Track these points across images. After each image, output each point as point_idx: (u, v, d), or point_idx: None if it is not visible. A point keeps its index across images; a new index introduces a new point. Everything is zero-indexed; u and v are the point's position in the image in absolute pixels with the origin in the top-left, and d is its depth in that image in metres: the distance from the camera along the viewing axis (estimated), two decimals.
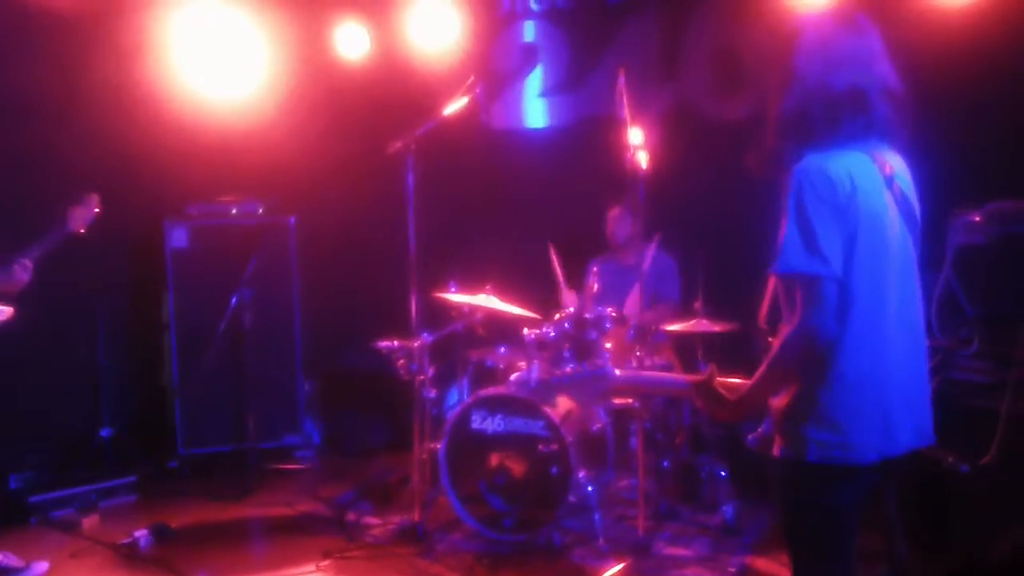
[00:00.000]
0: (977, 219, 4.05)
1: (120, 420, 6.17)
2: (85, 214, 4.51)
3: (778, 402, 2.43)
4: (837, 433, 2.32)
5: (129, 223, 4.41)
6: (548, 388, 2.88)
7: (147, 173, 6.04)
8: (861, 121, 2.38)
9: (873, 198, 2.34)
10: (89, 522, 5.21)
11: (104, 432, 5.99)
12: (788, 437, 2.40)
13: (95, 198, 4.56)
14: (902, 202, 2.42)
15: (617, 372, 2.79)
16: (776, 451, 2.45)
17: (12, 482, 4.89)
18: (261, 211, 6.39)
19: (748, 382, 2.47)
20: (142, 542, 4.80)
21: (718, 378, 2.53)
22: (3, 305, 4.34)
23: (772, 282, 2.50)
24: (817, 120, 2.37)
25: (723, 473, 4.95)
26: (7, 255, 4.28)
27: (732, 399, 2.49)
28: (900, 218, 2.41)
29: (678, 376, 2.75)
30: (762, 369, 2.41)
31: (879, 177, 2.37)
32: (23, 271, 4.29)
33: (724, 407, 2.51)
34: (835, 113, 2.36)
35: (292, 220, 6.41)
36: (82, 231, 4.55)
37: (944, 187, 4.74)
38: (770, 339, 2.49)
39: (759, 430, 2.54)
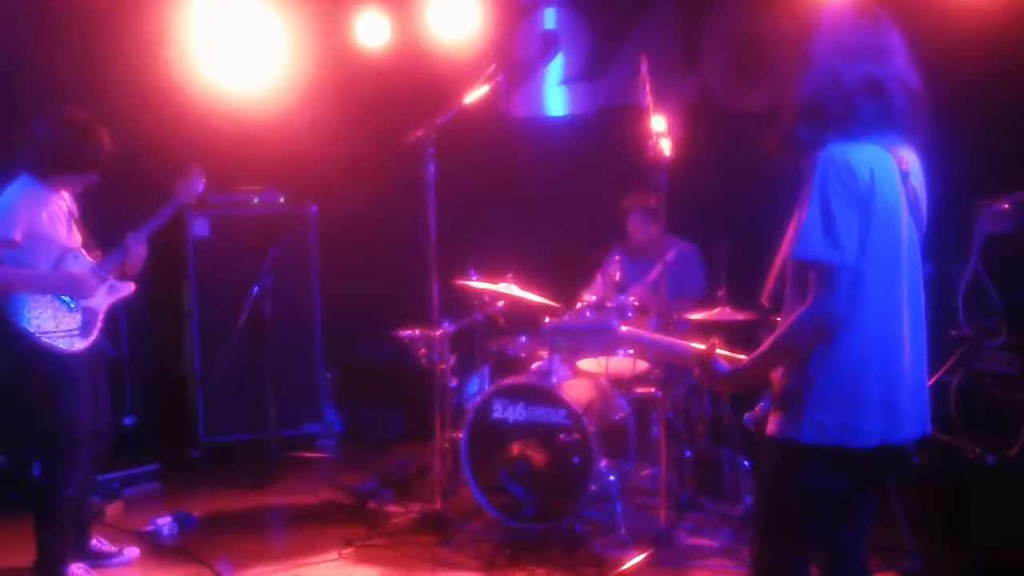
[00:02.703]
0: (1006, 207, 4.00)
1: (142, 409, 6.21)
2: (192, 186, 4.52)
3: (779, 381, 2.47)
4: (836, 416, 2.35)
5: (150, 212, 4.42)
6: (556, 333, 2.94)
7: (168, 163, 6.05)
8: (879, 109, 2.38)
9: (890, 192, 2.37)
10: (112, 510, 5.23)
11: (127, 421, 6.01)
12: (786, 417, 2.43)
13: (200, 169, 4.56)
14: (913, 200, 2.45)
15: (623, 328, 2.87)
16: (771, 429, 2.48)
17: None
18: (282, 200, 6.41)
19: (750, 356, 2.51)
20: (165, 530, 4.84)
21: (720, 351, 2.57)
22: (124, 281, 4.44)
23: (778, 262, 2.54)
24: (833, 106, 2.38)
25: (745, 463, 4.92)
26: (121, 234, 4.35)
27: (729, 371, 2.54)
28: (910, 215, 2.44)
29: (681, 342, 2.77)
30: (766, 345, 2.45)
31: (896, 172, 2.39)
32: (140, 246, 4.35)
33: (721, 378, 2.56)
34: (851, 100, 2.37)
35: (313, 209, 6.42)
36: (192, 203, 4.65)
37: (973, 176, 4.71)
38: (772, 317, 2.54)
39: (756, 409, 2.60)
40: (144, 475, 5.64)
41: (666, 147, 4.34)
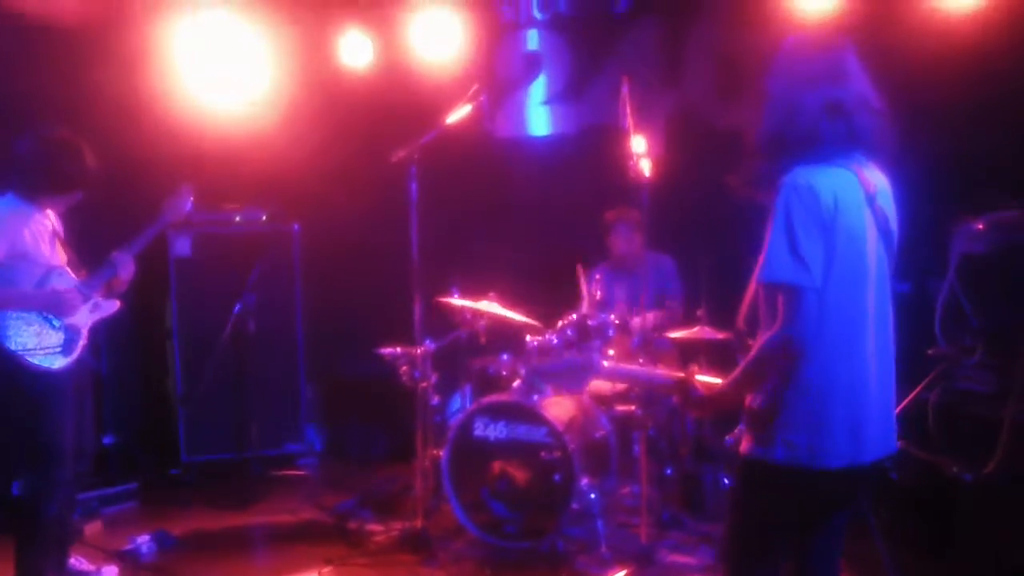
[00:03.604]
0: (980, 227, 4.04)
1: (123, 427, 6.17)
2: (180, 204, 4.52)
3: (751, 402, 2.52)
4: (805, 437, 2.39)
5: (130, 231, 4.43)
6: (536, 376, 2.97)
7: (150, 181, 6.04)
8: (842, 128, 2.41)
9: (854, 217, 2.39)
10: (91, 529, 5.20)
11: (106, 439, 5.98)
12: (758, 436, 2.48)
13: (188, 188, 4.55)
14: (881, 221, 2.48)
15: (605, 364, 2.91)
16: (744, 448, 2.53)
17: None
18: (264, 219, 6.41)
19: (724, 381, 2.57)
20: (144, 549, 4.81)
21: (698, 376, 2.64)
22: (109, 300, 4.41)
23: (752, 286, 2.58)
24: (796, 136, 2.41)
25: (726, 482, 4.94)
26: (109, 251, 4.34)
27: (706, 395, 2.60)
28: (878, 237, 2.47)
29: (660, 372, 2.84)
30: (738, 370, 2.50)
31: (862, 196, 2.42)
32: (127, 264, 4.34)
33: (698, 403, 2.63)
34: (813, 126, 2.40)
35: (295, 228, 6.43)
36: (179, 222, 4.66)
37: (951, 193, 4.77)
38: (748, 341, 2.57)
39: (737, 431, 2.64)
40: (123, 494, 5.61)
41: (646, 167, 4.37)
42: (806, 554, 2.70)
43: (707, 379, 2.65)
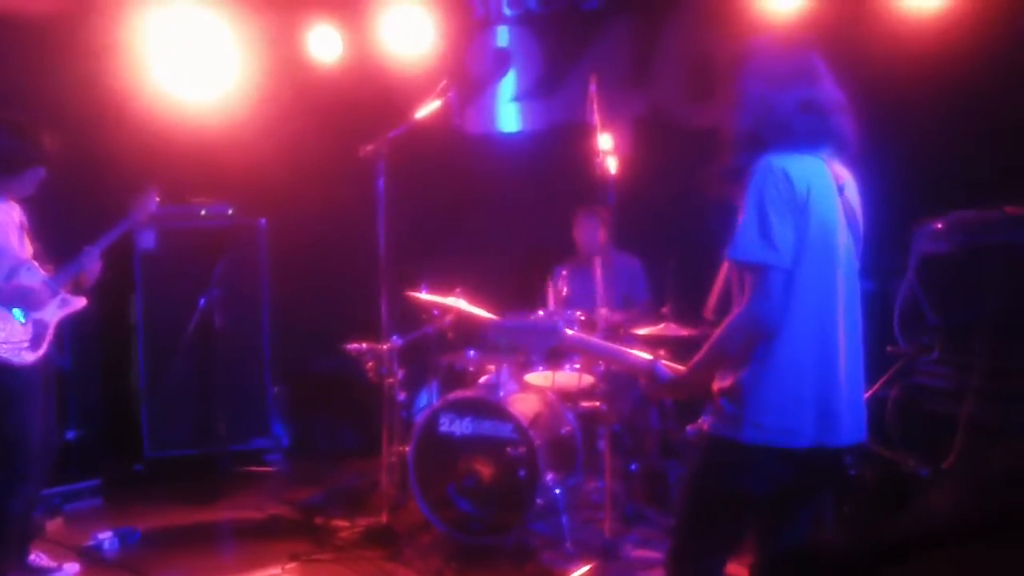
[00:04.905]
0: (940, 227, 4.10)
1: (86, 423, 6.09)
2: (147, 205, 4.52)
3: (720, 383, 2.54)
4: (776, 418, 2.42)
5: (97, 224, 4.39)
6: (500, 331, 2.96)
7: (116, 174, 5.99)
8: (815, 123, 2.48)
9: (826, 204, 2.45)
10: (53, 525, 5.15)
11: (69, 435, 5.90)
12: (725, 416, 2.50)
13: (154, 189, 4.56)
14: (849, 212, 2.54)
15: (569, 332, 2.88)
16: (709, 427, 2.55)
17: None
18: (231, 213, 6.36)
19: (690, 361, 2.58)
20: (106, 545, 4.77)
21: (663, 362, 2.65)
22: (76, 296, 4.38)
23: (722, 275, 2.63)
24: (770, 131, 2.47)
25: None
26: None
27: (674, 377, 2.62)
28: (847, 227, 2.53)
29: (626, 352, 2.81)
30: (704, 349, 2.52)
31: (833, 185, 2.49)
32: (94, 261, 4.32)
33: (665, 385, 2.64)
34: (786, 120, 2.47)
35: (262, 222, 6.39)
36: (145, 221, 4.67)
37: (910, 195, 4.84)
38: (714, 331, 2.60)
39: (699, 421, 2.65)
40: (86, 490, 5.56)
41: (612, 165, 4.39)
42: (772, 549, 2.72)
43: (672, 364, 2.67)
